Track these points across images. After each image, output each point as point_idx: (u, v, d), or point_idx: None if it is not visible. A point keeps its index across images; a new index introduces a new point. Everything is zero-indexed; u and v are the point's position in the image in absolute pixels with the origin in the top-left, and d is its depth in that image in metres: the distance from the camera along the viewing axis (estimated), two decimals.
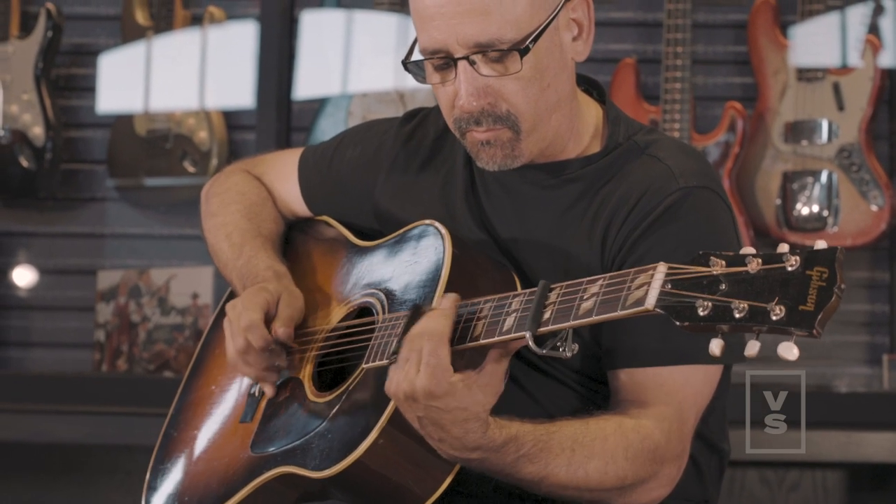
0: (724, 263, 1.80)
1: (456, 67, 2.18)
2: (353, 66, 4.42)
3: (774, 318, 1.75)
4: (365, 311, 2.31)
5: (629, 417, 2.15)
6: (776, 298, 1.75)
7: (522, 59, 2.16)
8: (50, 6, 4.46)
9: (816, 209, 4.19)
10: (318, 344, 2.34)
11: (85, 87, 4.59)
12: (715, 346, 1.79)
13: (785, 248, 1.78)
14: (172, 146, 4.47)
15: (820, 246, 1.77)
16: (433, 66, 2.22)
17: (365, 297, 2.31)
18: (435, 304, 2.11)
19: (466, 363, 2.02)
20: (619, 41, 4.45)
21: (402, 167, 2.43)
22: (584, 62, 2.27)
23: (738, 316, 1.77)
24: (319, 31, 4.46)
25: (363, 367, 2.19)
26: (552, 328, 1.96)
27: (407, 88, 4.33)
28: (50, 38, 4.46)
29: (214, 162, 4.43)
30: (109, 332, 4.44)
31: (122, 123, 4.51)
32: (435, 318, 2.04)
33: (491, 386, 2.03)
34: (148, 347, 4.40)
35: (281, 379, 2.36)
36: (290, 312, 2.33)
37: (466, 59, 2.17)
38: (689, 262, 1.83)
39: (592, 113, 2.33)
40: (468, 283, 2.15)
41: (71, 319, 4.56)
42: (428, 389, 2.00)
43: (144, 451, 2.56)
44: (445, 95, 2.22)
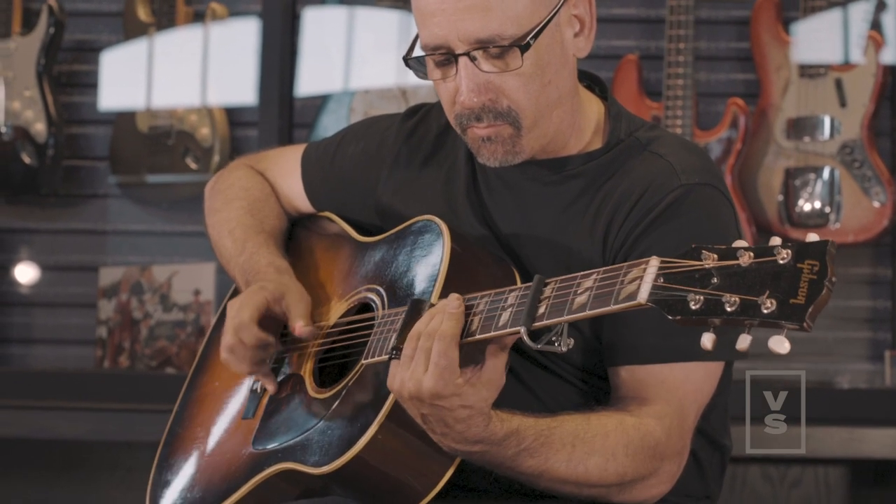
0: (715, 257, 1.79)
1: (457, 64, 2.18)
2: (355, 62, 4.42)
3: (765, 311, 1.73)
4: (366, 306, 2.31)
5: (630, 414, 2.15)
6: (767, 292, 1.74)
7: (523, 55, 2.16)
8: (52, 2, 4.45)
9: (818, 205, 4.19)
10: (319, 340, 2.34)
11: (87, 83, 4.59)
12: (707, 339, 1.78)
13: (777, 241, 1.77)
14: (174, 143, 4.46)
15: (811, 239, 1.75)
16: (434, 62, 2.21)
17: (365, 292, 2.31)
18: (434, 299, 2.11)
19: (464, 358, 2.02)
20: (621, 37, 4.44)
21: (404, 163, 2.43)
22: (586, 58, 2.27)
23: (729, 310, 1.76)
24: (321, 27, 4.46)
25: (362, 362, 2.19)
26: (547, 323, 1.96)
27: (409, 85, 4.32)
28: (52, 34, 4.46)
29: (216, 158, 4.43)
30: (111, 328, 4.44)
31: (124, 120, 4.51)
32: (445, 318, 2.03)
33: (492, 381, 2.03)
34: (150, 344, 4.40)
35: (282, 375, 2.36)
36: (302, 309, 2.33)
37: (467, 55, 2.16)
38: (681, 255, 1.82)
39: (594, 109, 2.33)
40: (467, 278, 2.15)
41: (73, 316, 4.56)
42: (435, 391, 2.00)
43: (146, 447, 2.56)
44: (446, 92, 2.22)
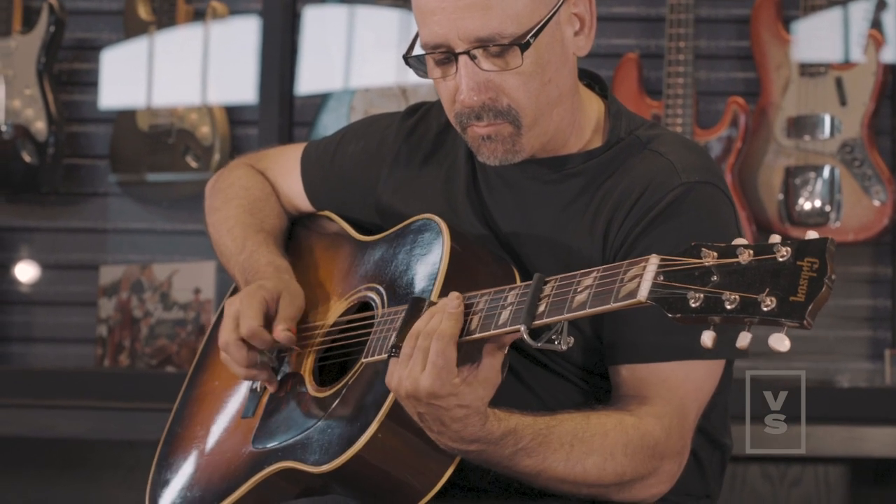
0: (715, 255, 1.79)
1: (457, 62, 2.18)
2: (355, 61, 4.42)
3: (765, 309, 1.73)
4: (365, 305, 2.31)
5: (630, 413, 2.15)
6: (767, 290, 1.73)
7: (523, 53, 2.16)
8: (52, 1, 4.45)
9: (819, 204, 4.19)
10: (319, 339, 2.34)
11: (87, 81, 4.59)
12: (707, 337, 1.78)
13: (776, 238, 1.77)
14: (175, 141, 4.46)
15: (811, 236, 1.75)
16: (434, 60, 2.21)
17: (365, 291, 2.31)
18: (433, 297, 2.11)
19: (462, 356, 2.02)
20: (621, 36, 4.44)
21: (404, 162, 2.42)
22: (586, 57, 2.27)
23: (729, 307, 1.75)
24: (322, 26, 4.46)
25: (362, 361, 2.19)
26: (547, 321, 1.95)
27: (409, 83, 4.32)
28: (52, 32, 4.46)
29: (217, 157, 4.42)
30: (112, 327, 4.44)
31: (124, 118, 4.51)
32: (444, 318, 2.03)
33: (489, 380, 2.03)
34: (150, 343, 4.40)
35: (282, 374, 2.36)
36: (290, 312, 2.33)
37: (467, 53, 2.16)
38: (681, 253, 1.82)
39: (594, 107, 2.33)
40: (467, 277, 2.15)
41: (73, 315, 4.56)
42: (432, 390, 2.00)
43: (147, 446, 2.56)
44: (446, 90, 2.22)
